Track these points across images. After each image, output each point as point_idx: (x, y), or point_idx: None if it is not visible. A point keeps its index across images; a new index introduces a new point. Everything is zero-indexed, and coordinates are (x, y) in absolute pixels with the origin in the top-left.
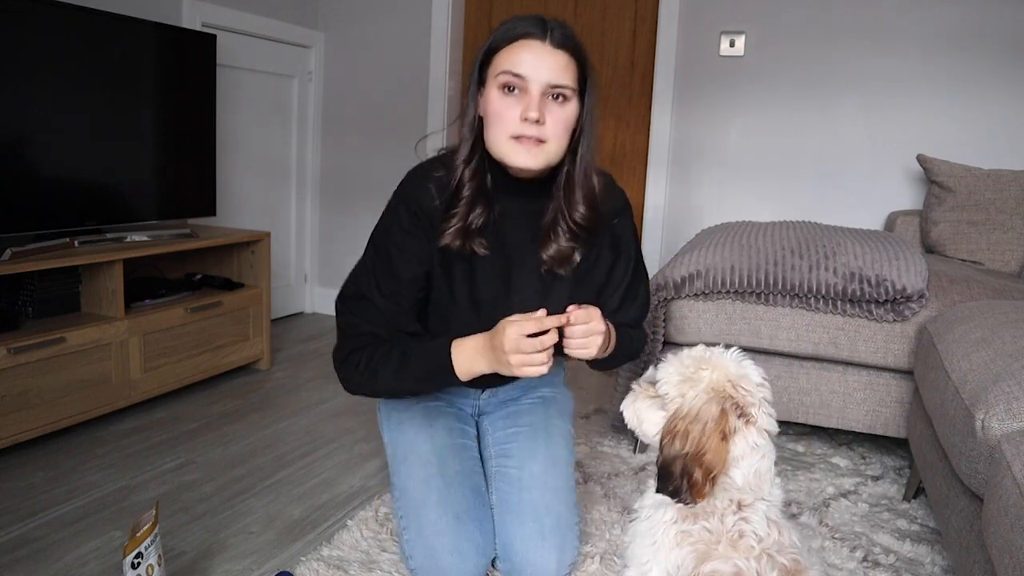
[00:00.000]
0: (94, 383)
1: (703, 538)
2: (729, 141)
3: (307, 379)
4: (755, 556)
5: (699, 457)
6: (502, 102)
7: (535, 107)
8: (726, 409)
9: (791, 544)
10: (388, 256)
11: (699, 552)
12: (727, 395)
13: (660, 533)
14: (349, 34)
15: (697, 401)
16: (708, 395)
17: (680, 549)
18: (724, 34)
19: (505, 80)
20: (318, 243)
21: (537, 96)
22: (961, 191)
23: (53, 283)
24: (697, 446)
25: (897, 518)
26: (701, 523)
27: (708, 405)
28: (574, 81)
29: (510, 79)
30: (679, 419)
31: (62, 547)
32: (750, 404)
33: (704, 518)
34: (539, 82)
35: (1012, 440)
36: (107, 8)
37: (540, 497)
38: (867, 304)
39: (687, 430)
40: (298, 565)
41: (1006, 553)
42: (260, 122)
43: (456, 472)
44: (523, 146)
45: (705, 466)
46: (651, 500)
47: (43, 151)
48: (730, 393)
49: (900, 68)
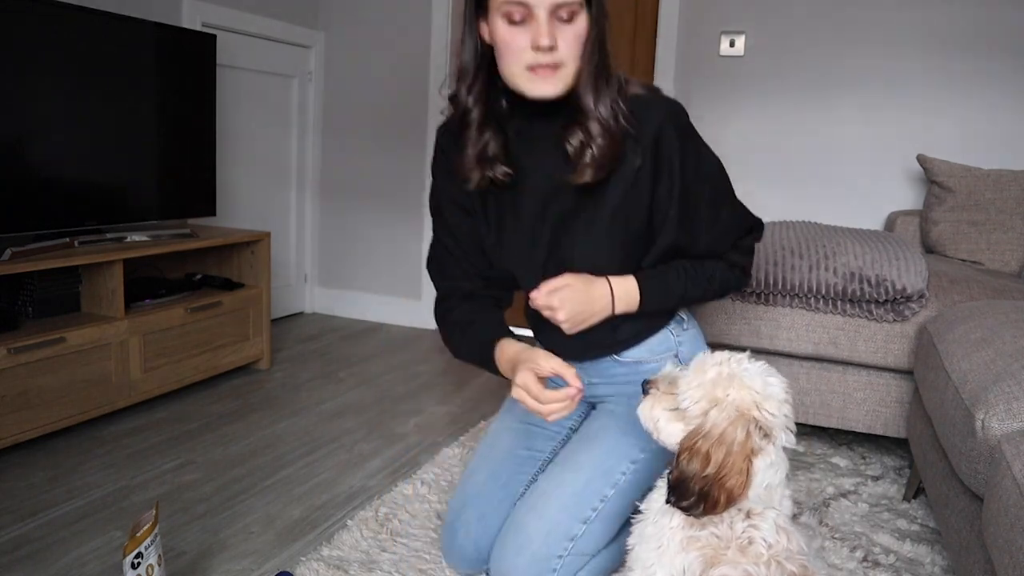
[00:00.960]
0: (94, 383)
1: (711, 543)
2: (729, 141)
3: (307, 379)
4: (764, 562)
5: (721, 480)
6: (509, 32)
7: (545, 34)
8: (751, 431)
9: (799, 550)
10: (439, 214)
11: (707, 557)
12: (752, 418)
13: (666, 537)
14: (349, 34)
15: (721, 422)
16: (733, 417)
17: (687, 553)
18: (724, 34)
19: (507, 10)
20: (318, 243)
21: (545, 20)
22: (961, 191)
23: (53, 283)
24: (720, 468)
25: (897, 518)
26: (710, 529)
27: (733, 428)
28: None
29: (512, 8)
30: (701, 437)
31: (62, 547)
32: (775, 426)
33: (713, 524)
34: (543, 5)
35: (1012, 440)
36: (107, 8)
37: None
38: (867, 304)
39: (709, 452)
40: (298, 565)
41: (1006, 553)
42: (260, 122)
43: (499, 464)
44: (539, 76)
45: (727, 489)
46: (658, 504)
47: (43, 151)
48: (755, 416)
49: (900, 68)
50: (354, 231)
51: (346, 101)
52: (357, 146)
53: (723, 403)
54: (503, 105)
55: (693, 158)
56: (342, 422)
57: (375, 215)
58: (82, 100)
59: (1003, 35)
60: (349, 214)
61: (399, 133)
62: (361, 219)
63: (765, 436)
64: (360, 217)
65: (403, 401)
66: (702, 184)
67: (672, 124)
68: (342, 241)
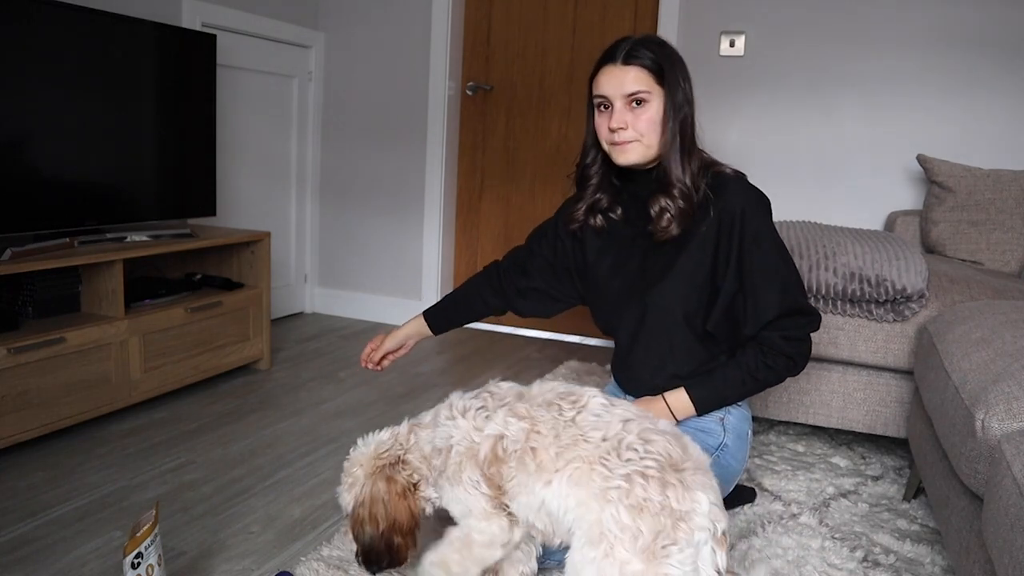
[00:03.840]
0: (94, 383)
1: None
2: (729, 141)
3: (307, 379)
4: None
5: (394, 527)
6: (598, 119)
7: (617, 119)
8: (390, 475)
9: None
10: (545, 233)
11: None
12: (381, 467)
13: None
14: (349, 34)
15: (365, 489)
16: (363, 479)
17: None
18: (724, 34)
19: (597, 102)
20: (318, 243)
21: (621, 108)
22: (961, 191)
23: (53, 283)
24: (388, 518)
25: (897, 518)
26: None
27: (373, 484)
28: (648, 84)
29: (599, 100)
30: (360, 507)
31: (62, 547)
32: (403, 454)
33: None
34: (618, 97)
35: (1012, 440)
36: (107, 8)
37: None
38: (867, 304)
39: (372, 514)
40: (298, 565)
41: (1006, 553)
42: (260, 122)
43: None
44: (617, 148)
45: (402, 531)
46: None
47: (43, 151)
48: (380, 464)
49: (900, 68)
50: (354, 231)
51: (346, 101)
52: (357, 146)
53: (352, 477)
54: (614, 178)
55: (751, 242)
56: (342, 422)
57: (375, 215)
58: (82, 100)
59: (1003, 35)
60: (349, 214)
61: (399, 133)
62: (361, 219)
63: (405, 465)
64: (360, 217)
65: (403, 401)
66: (752, 262)
67: (743, 206)
68: (342, 241)
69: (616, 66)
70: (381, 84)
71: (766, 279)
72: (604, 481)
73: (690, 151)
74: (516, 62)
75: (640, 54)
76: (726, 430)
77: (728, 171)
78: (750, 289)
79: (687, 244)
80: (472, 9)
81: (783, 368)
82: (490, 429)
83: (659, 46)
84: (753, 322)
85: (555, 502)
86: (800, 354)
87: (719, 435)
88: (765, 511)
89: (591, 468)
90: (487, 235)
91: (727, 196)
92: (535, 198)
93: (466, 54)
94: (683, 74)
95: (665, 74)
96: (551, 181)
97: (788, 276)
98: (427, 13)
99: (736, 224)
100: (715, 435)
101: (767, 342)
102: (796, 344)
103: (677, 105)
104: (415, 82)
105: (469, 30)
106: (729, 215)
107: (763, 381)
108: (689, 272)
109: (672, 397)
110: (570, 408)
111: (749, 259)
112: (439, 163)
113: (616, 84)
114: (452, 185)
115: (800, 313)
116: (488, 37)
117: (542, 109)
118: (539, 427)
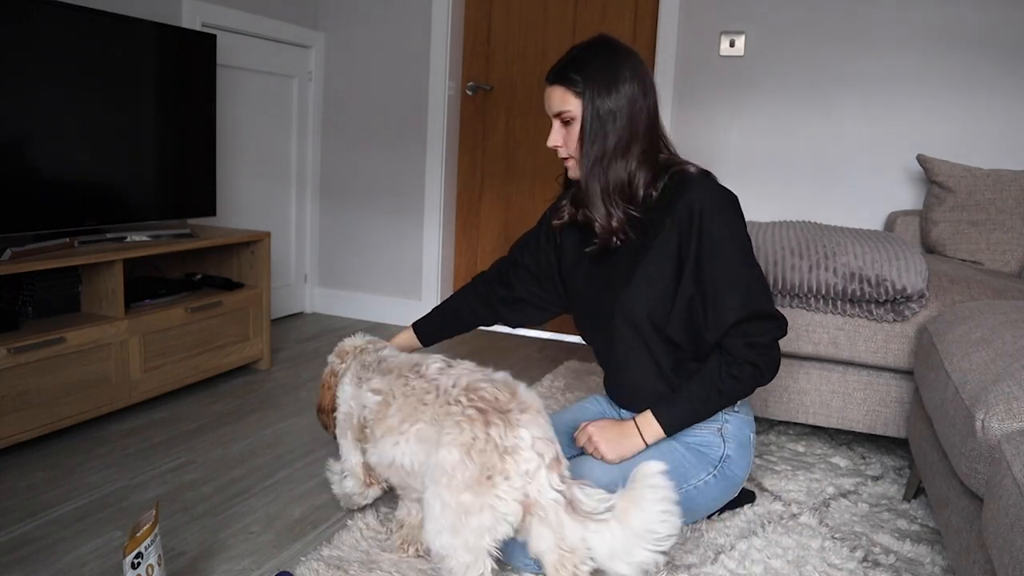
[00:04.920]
0: (94, 383)
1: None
2: (729, 141)
3: (307, 379)
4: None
5: (319, 405)
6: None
7: (552, 138)
8: (332, 368)
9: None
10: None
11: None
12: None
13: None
14: (349, 34)
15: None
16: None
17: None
18: (724, 34)
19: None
20: (318, 243)
21: (557, 126)
22: (961, 191)
23: (53, 283)
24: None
25: (897, 518)
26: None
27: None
28: (571, 103)
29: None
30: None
31: (62, 547)
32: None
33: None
34: (552, 116)
35: (1012, 440)
36: (107, 8)
37: None
38: (867, 304)
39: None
40: (298, 565)
41: (1006, 553)
42: (260, 122)
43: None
44: (567, 164)
45: (324, 409)
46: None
47: (43, 151)
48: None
49: (900, 68)
50: (354, 231)
51: (346, 101)
52: (357, 146)
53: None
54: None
55: (711, 243)
56: None
57: (375, 215)
58: (82, 100)
59: (1003, 35)
60: (349, 214)
61: (399, 133)
62: (361, 219)
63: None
64: (360, 217)
65: None
66: (713, 264)
67: (702, 206)
68: (342, 241)
69: (547, 85)
70: (381, 84)
71: (727, 281)
72: (440, 432)
73: (628, 158)
74: (516, 62)
75: (563, 72)
76: (726, 440)
77: (692, 170)
78: (710, 291)
79: (649, 248)
80: (472, 9)
81: (749, 378)
82: (358, 401)
83: (593, 56)
84: (715, 327)
85: (406, 459)
86: (766, 362)
87: (719, 447)
88: (765, 511)
89: (429, 426)
90: (487, 235)
91: (688, 195)
92: (535, 198)
93: (466, 54)
94: (614, 81)
95: (584, 89)
96: (551, 181)
97: (751, 279)
98: (427, 13)
99: (695, 224)
100: (715, 448)
101: (730, 349)
102: (761, 351)
103: (603, 118)
104: (415, 82)
105: (469, 30)
106: (688, 215)
107: (729, 393)
108: (651, 276)
109: (642, 422)
110: (415, 377)
111: (709, 261)
112: (439, 163)
113: (547, 104)
114: (452, 185)
115: (764, 318)
116: (488, 37)
117: (542, 109)
118: (389, 399)
